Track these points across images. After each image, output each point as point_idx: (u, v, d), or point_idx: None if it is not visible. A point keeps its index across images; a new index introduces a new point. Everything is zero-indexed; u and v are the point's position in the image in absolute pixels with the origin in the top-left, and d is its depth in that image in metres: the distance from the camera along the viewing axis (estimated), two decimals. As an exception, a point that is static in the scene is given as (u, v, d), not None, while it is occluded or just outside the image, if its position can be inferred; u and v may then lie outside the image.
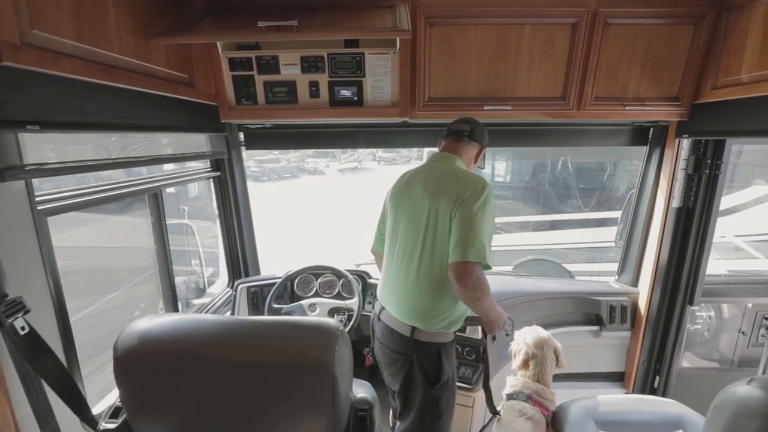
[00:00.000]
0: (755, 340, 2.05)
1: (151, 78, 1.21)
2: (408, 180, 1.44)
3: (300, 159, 13.97)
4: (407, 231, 1.35)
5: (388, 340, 1.38)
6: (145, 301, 2.43)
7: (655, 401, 1.55)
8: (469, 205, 1.23)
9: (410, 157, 16.97)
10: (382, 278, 1.47)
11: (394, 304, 1.37)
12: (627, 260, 2.22)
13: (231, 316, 0.88)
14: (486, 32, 1.55)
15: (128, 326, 0.85)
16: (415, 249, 1.31)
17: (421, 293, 1.31)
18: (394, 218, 1.42)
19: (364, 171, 16.70)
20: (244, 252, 2.17)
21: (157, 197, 1.51)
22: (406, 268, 1.33)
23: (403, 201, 1.39)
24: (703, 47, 1.55)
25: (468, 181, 1.28)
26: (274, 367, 0.82)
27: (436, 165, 1.42)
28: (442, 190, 1.28)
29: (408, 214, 1.36)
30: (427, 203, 1.30)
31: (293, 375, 0.82)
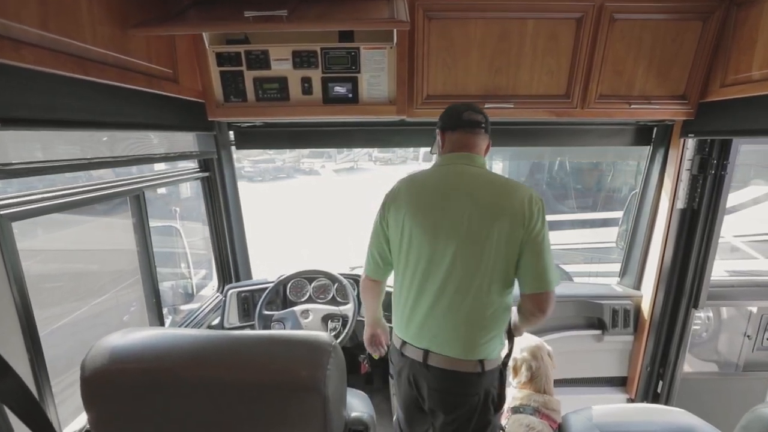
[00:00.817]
0: (760, 343, 2.00)
1: (130, 72, 1.13)
2: (433, 189, 1.19)
3: (295, 159, 13.86)
4: (458, 254, 1.13)
5: (452, 386, 1.20)
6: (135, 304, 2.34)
7: (663, 410, 1.49)
8: (539, 226, 1.12)
9: (406, 157, 16.93)
10: (409, 314, 1.22)
11: (448, 343, 1.17)
12: (629, 263, 2.16)
13: (213, 330, 0.80)
14: (487, 27, 1.48)
15: (97, 343, 0.77)
16: (472, 274, 1.13)
17: (487, 323, 1.17)
18: (423, 237, 1.16)
19: (360, 171, 16.62)
20: (234, 255, 2.09)
21: (139, 199, 1.43)
22: (459, 297, 1.14)
23: (436, 216, 1.15)
24: (711, 44, 1.50)
25: (525, 195, 1.13)
26: (259, 388, 0.74)
27: (467, 170, 1.19)
28: (503, 208, 1.11)
29: (453, 234, 1.13)
30: (486, 222, 1.11)
31: (281, 396, 0.75)
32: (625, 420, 1.44)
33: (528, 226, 1.11)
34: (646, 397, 2.15)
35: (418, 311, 1.20)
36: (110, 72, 1.05)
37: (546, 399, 1.44)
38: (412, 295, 1.21)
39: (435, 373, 1.20)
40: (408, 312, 1.23)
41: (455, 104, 1.27)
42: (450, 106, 1.28)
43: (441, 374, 1.19)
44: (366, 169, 17.22)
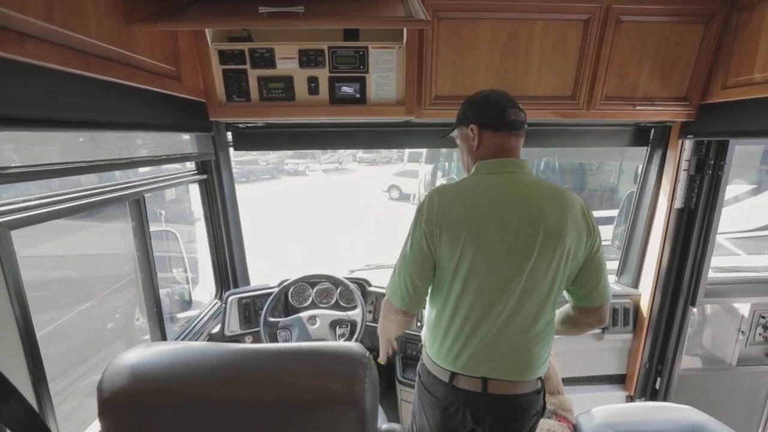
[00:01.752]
0: (752, 338, 2.07)
1: (134, 69, 1.06)
2: (494, 204, 1.05)
3: (279, 160, 13.68)
4: (528, 276, 1.04)
5: (516, 411, 1.13)
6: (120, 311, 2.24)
7: (672, 408, 1.51)
8: (600, 239, 1.10)
9: (390, 157, 16.97)
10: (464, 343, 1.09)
11: (512, 367, 1.10)
12: (627, 262, 2.19)
13: (239, 344, 0.76)
14: (496, 27, 1.48)
15: (114, 362, 0.72)
16: (539, 295, 1.06)
17: (544, 340, 1.12)
18: (488, 260, 1.03)
19: (344, 172, 16.54)
20: (232, 261, 2.02)
21: (139, 204, 1.35)
22: (525, 319, 1.07)
23: (503, 235, 1.03)
24: (713, 46, 1.53)
25: (582, 206, 1.09)
26: (293, 405, 0.70)
27: (522, 179, 1.08)
28: (567, 221, 1.03)
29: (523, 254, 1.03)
30: (555, 238, 1.02)
31: (317, 413, 0.71)
32: (636, 419, 1.45)
33: (591, 239, 1.07)
34: (645, 394, 2.19)
35: (475, 339, 1.08)
36: (115, 69, 0.98)
37: (560, 400, 1.45)
38: (470, 323, 1.08)
39: (498, 400, 1.10)
40: (462, 341, 1.09)
41: (490, 93, 1.14)
42: (484, 94, 1.15)
43: (504, 401, 1.11)
44: (351, 169, 17.18)
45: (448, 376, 1.12)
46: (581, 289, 1.11)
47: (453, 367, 1.12)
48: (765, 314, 2.03)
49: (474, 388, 1.10)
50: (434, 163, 5.53)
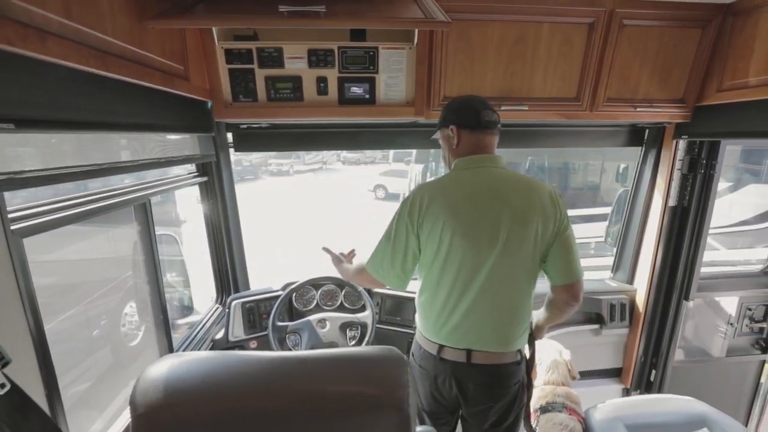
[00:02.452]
0: (740, 330, 2.16)
1: (147, 68, 1.02)
2: (468, 195, 1.18)
3: (262, 160, 13.46)
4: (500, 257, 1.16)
5: (497, 379, 1.25)
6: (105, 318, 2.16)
7: (676, 400, 1.56)
8: (567, 220, 1.21)
9: (375, 157, 16.96)
10: (447, 318, 1.23)
11: (492, 340, 1.22)
12: (623, 258, 2.26)
13: (277, 352, 0.74)
14: (504, 29, 1.49)
15: (144, 375, 0.68)
16: (512, 274, 1.19)
17: (521, 315, 1.25)
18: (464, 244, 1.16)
19: (329, 172, 16.43)
20: (233, 265, 1.97)
21: (145, 207, 1.30)
22: (501, 296, 1.20)
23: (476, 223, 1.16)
24: (709, 51, 1.59)
25: (548, 191, 1.21)
26: (337, 413, 0.69)
27: (495, 173, 1.21)
28: (535, 207, 1.17)
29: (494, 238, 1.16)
30: (523, 223, 1.15)
31: (360, 420, 0.69)
32: (642, 411, 1.50)
33: (558, 222, 1.19)
34: (640, 386, 2.26)
35: (457, 314, 1.22)
36: (129, 68, 0.94)
37: (567, 391, 1.48)
38: (452, 300, 1.22)
39: (480, 370, 1.24)
40: (446, 316, 1.23)
41: (467, 99, 1.28)
42: (461, 99, 1.29)
43: (486, 370, 1.24)
44: (335, 169, 17.08)
45: (436, 349, 1.26)
46: (554, 268, 1.23)
47: (440, 339, 1.26)
48: (751, 306, 2.13)
49: (459, 358, 1.24)
50: (424, 163, 5.56)
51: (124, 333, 2.22)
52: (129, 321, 2.23)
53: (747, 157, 3.82)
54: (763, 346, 2.17)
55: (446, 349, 1.24)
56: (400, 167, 11.30)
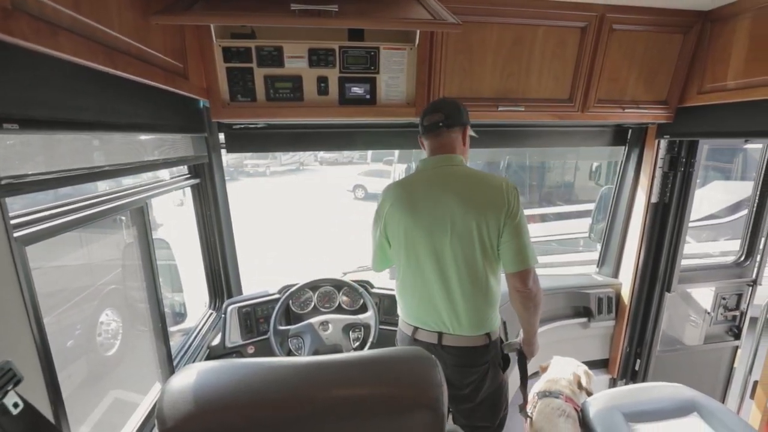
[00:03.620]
0: (716, 318, 2.29)
1: (151, 66, 0.98)
2: (422, 193, 1.30)
3: (238, 161, 13.13)
4: (454, 248, 1.27)
5: (466, 360, 1.34)
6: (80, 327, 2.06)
7: (666, 387, 1.64)
8: (515, 211, 1.25)
9: (352, 157, 16.89)
10: (418, 303, 1.35)
11: (459, 324, 1.31)
12: (608, 253, 2.35)
13: (306, 357, 0.73)
14: (502, 32, 1.52)
15: (168, 387, 0.66)
16: (469, 264, 1.27)
17: (485, 300, 1.31)
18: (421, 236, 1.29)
19: (306, 172, 16.23)
20: (226, 269, 1.92)
21: (142, 211, 1.25)
22: (462, 284, 1.29)
23: (428, 217, 1.28)
24: (690, 55, 1.68)
25: (500, 185, 1.27)
26: (371, 415, 0.68)
27: (450, 171, 1.31)
28: (484, 200, 1.25)
29: (446, 231, 1.26)
30: (472, 215, 1.24)
31: (395, 421, 0.69)
32: (636, 400, 1.56)
33: (507, 213, 1.24)
34: (626, 376, 2.36)
35: (425, 299, 1.33)
36: (135, 66, 0.90)
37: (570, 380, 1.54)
38: (418, 286, 1.33)
39: (450, 351, 1.33)
40: (417, 301, 1.35)
41: (427, 106, 1.39)
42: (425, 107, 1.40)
43: (456, 351, 1.32)
44: (312, 170, 16.90)
45: (411, 330, 1.38)
46: (504, 256, 1.28)
47: (413, 322, 1.38)
48: (725, 296, 2.26)
49: (431, 340, 1.34)
50: (407, 163, 5.58)
51: (100, 343, 2.12)
52: (105, 330, 2.14)
53: (712, 156, 4.06)
54: (735, 332, 2.31)
55: (420, 331, 1.36)
56: (380, 167, 11.30)
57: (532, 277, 1.27)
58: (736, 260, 2.29)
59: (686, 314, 2.36)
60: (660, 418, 1.49)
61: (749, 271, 2.25)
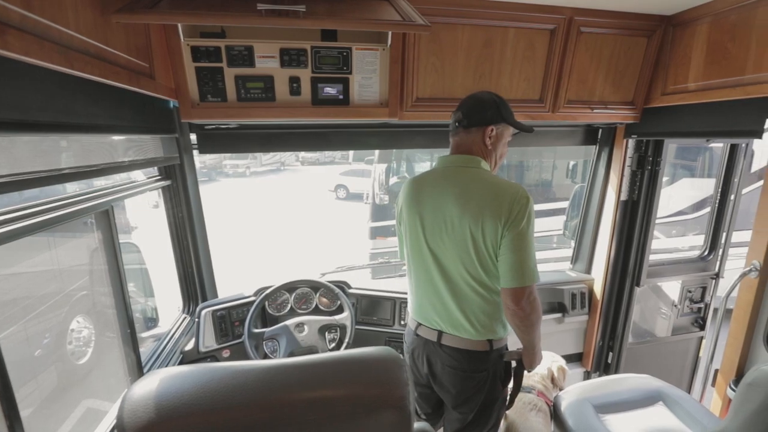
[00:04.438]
0: (682, 311, 2.38)
1: (112, 66, 0.95)
2: (429, 190, 1.29)
3: (217, 162, 12.88)
4: (450, 250, 1.24)
5: (466, 364, 1.28)
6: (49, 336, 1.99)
7: (634, 378, 1.70)
8: (518, 224, 1.15)
9: (334, 157, 16.82)
10: (420, 299, 1.35)
11: (463, 324, 1.26)
12: (581, 250, 2.41)
13: (273, 360, 0.72)
14: (473, 33, 1.54)
15: (129, 395, 0.64)
16: (466, 268, 1.23)
17: (483, 304, 1.25)
18: (421, 234, 1.29)
19: (288, 172, 16.05)
20: (200, 272, 1.88)
21: (108, 215, 1.21)
22: (464, 287, 1.25)
23: (428, 215, 1.27)
24: (654, 58, 1.74)
25: (509, 194, 1.17)
26: (338, 416, 0.69)
27: (457, 171, 1.27)
28: (485, 207, 1.17)
29: (442, 232, 1.25)
30: (470, 221, 1.18)
31: (362, 422, 0.70)
32: (607, 392, 1.61)
33: (506, 222, 1.15)
34: (599, 368, 2.43)
35: (425, 297, 1.33)
36: (94, 65, 0.87)
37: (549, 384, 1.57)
38: (420, 284, 1.34)
39: (448, 351, 1.30)
40: (419, 297, 1.36)
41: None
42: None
43: (453, 353, 1.29)
44: (294, 170, 16.74)
45: (415, 325, 1.38)
46: (500, 268, 1.19)
47: (417, 317, 1.38)
48: (691, 289, 2.36)
49: (431, 337, 1.33)
50: (387, 163, 5.59)
51: (71, 351, 2.05)
52: (76, 337, 2.07)
53: (680, 154, 4.22)
54: (701, 324, 2.41)
55: (422, 327, 1.36)
56: (361, 167, 11.28)
57: (527, 297, 1.15)
58: (701, 255, 2.39)
59: (657, 307, 2.44)
60: (628, 409, 1.54)
61: (712, 265, 2.35)
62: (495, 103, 1.28)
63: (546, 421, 1.49)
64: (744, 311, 1.51)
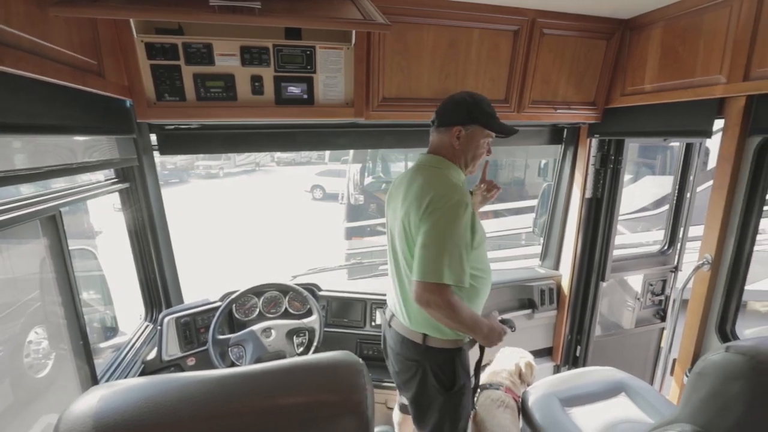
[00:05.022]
0: (645, 303, 2.48)
1: (51, 62, 0.90)
2: (396, 186, 1.39)
3: (189, 162, 12.50)
4: (397, 241, 1.32)
5: (401, 348, 1.37)
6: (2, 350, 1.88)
7: (598, 371, 1.75)
8: (428, 219, 1.15)
9: (310, 157, 16.65)
10: (389, 284, 1.45)
11: (402, 312, 1.35)
12: (549, 247, 2.47)
13: (225, 369, 0.69)
14: (439, 33, 1.55)
15: (68, 412, 0.60)
16: (405, 261, 1.29)
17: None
18: (388, 226, 1.42)
19: (263, 173, 15.77)
20: (163, 278, 1.81)
21: (55, 220, 1.15)
22: (404, 278, 1.32)
23: (391, 209, 1.38)
24: (613, 59, 1.79)
25: (433, 192, 1.18)
26: (294, 424, 0.67)
27: (418, 170, 1.31)
28: (412, 200, 1.21)
29: (394, 224, 1.34)
30: (400, 214, 1.27)
31: (325, 429, 0.68)
32: (572, 385, 1.65)
33: (421, 216, 1.17)
34: (568, 362, 2.50)
35: (389, 282, 1.44)
36: (28, 61, 0.82)
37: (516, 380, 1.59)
38: (389, 270, 1.44)
39: (392, 333, 1.41)
40: (388, 284, 1.46)
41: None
42: None
43: (396, 335, 1.39)
44: (269, 170, 16.47)
45: (390, 315, 1.45)
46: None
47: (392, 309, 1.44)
48: (652, 282, 2.45)
49: (387, 318, 1.45)
50: (361, 162, 5.57)
51: (29, 365, 1.95)
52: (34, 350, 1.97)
53: (644, 153, 4.40)
54: (662, 315, 2.51)
55: (387, 309, 1.48)
56: (338, 167, 11.21)
57: (431, 294, 1.11)
58: (661, 249, 2.49)
59: (624, 300, 2.53)
60: (592, 401, 1.58)
61: (672, 259, 2.45)
62: (466, 103, 1.27)
63: (514, 417, 1.52)
64: (698, 302, 1.58)
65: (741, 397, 0.81)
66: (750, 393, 0.80)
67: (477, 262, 1.28)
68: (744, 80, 1.31)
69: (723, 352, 0.86)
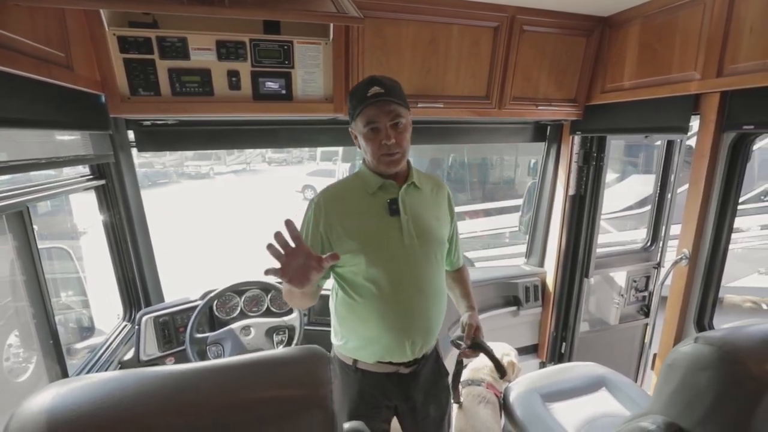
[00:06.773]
0: (629, 299, 2.50)
1: (12, 53, 0.87)
2: None
3: (178, 162, 12.37)
4: None
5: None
6: None
7: (580, 366, 1.76)
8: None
9: (302, 157, 16.57)
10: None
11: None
12: (534, 244, 2.48)
13: (184, 364, 0.68)
14: (419, 29, 1.54)
15: (20, 410, 0.58)
16: None
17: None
18: None
19: (253, 173, 15.67)
20: (142, 276, 1.78)
21: (22, 216, 1.12)
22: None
23: None
24: (593, 57, 1.80)
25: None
26: (258, 420, 0.65)
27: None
28: None
29: None
30: None
31: (284, 424, 0.67)
32: (553, 380, 1.66)
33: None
34: (554, 358, 2.51)
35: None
36: (-15, 51, 0.80)
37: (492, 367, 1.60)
38: None
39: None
40: None
41: None
42: None
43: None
44: (260, 170, 16.37)
45: None
46: None
47: None
48: (636, 279, 2.47)
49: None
50: (351, 161, 5.55)
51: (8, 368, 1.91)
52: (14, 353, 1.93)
53: (629, 152, 4.45)
54: (645, 311, 2.54)
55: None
56: (329, 166, 11.17)
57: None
58: (644, 246, 2.51)
59: (610, 297, 2.55)
60: (573, 396, 1.59)
61: (654, 255, 2.47)
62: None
63: (495, 413, 1.52)
64: (677, 297, 1.59)
65: (710, 387, 0.81)
66: (719, 383, 0.80)
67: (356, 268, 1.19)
68: (717, 76, 1.33)
69: (692, 343, 0.86)
